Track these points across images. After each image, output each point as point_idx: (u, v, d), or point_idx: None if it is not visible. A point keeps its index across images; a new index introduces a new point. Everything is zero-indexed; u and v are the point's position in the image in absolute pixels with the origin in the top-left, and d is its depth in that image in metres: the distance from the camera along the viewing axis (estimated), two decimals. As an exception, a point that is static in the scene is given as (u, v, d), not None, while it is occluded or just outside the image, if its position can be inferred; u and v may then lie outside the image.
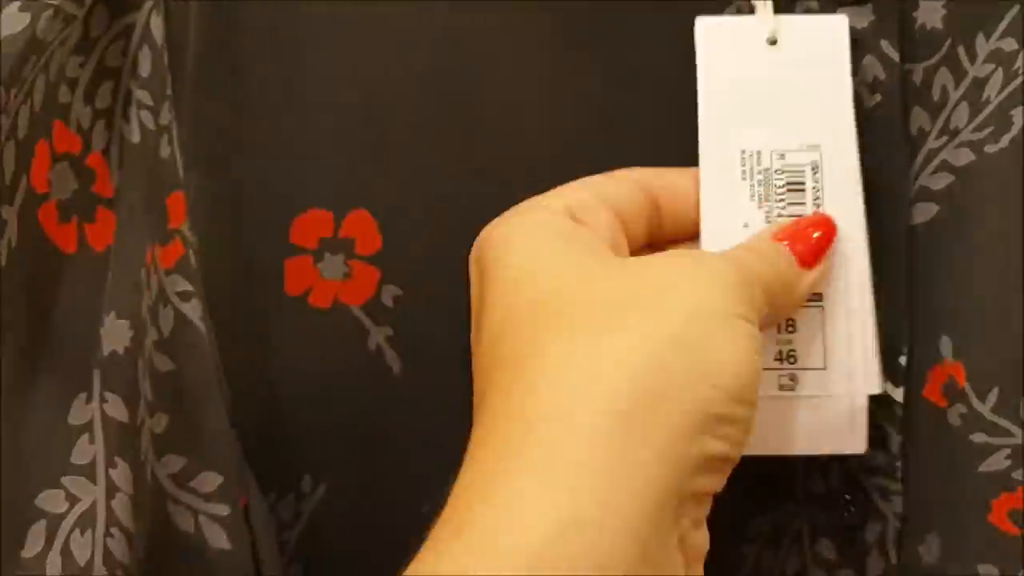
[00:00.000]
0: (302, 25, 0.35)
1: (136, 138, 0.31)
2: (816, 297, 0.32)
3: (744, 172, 0.33)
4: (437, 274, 0.36)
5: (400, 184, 0.36)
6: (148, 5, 0.32)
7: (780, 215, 0.32)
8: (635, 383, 0.25)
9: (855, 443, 0.33)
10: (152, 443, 0.31)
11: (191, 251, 0.32)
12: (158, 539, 0.31)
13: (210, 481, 0.32)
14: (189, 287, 0.31)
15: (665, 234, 0.34)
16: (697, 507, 0.26)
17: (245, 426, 0.34)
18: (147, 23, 0.31)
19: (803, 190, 0.32)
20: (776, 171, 0.33)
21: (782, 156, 0.33)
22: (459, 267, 0.35)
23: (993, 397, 0.34)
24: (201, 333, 0.31)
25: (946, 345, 0.35)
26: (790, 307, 0.32)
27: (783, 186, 0.33)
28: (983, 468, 0.34)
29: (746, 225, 0.32)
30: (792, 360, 0.32)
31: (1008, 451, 0.34)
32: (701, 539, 0.27)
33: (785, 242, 0.31)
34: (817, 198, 0.32)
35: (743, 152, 0.33)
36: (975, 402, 0.34)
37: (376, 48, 0.35)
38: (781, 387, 0.32)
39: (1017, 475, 0.34)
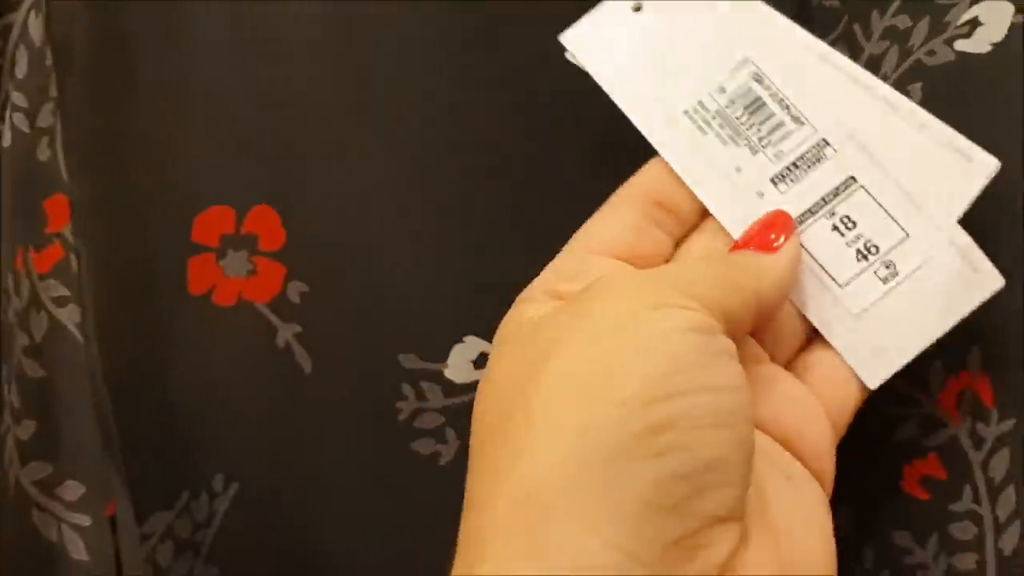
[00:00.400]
0: (196, 24, 0.34)
1: (7, 142, 0.30)
2: (847, 181, 0.30)
3: (701, 127, 0.31)
4: (344, 268, 0.35)
5: (302, 177, 0.35)
6: (26, 4, 0.31)
7: (763, 139, 0.30)
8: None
9: (988, 281, 0.30)
10: (17, 449, 0.30)
11: (72, 255, 0.31)
12: (22, 546, 0.31)
13: (72, 490, 0.31)
14: (66, 292, 0.31)
15: (684, 230, 0.31)
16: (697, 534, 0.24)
17: (153, 427, 0.34)
18: (24, 23, 0.30)
19: (764, 103, 0.31)
20: (727, 105, 0.31)
21: (722, 90, 0.31)
22: (367, 259, 0.35)
23: (903, 369, 0.34)
24: (76, 340, 0.31)
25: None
26: (774, 292, 0.29)
27: (743, 114, 0.31)
28: (895, 437, 0.34)
29: (739, 169, 0.30)
30: (875, 250, 0.30)
31: (918, 419, 0.34)
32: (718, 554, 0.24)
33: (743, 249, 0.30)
34: (783, 100, 0.31)
35: (686, 112, 0.31)
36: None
37: (270, 45, 0.35)
38: (885, 280, 0.30)
39: (927, 442, 0.34)
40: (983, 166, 0.30)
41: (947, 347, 0.31)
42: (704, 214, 0.31)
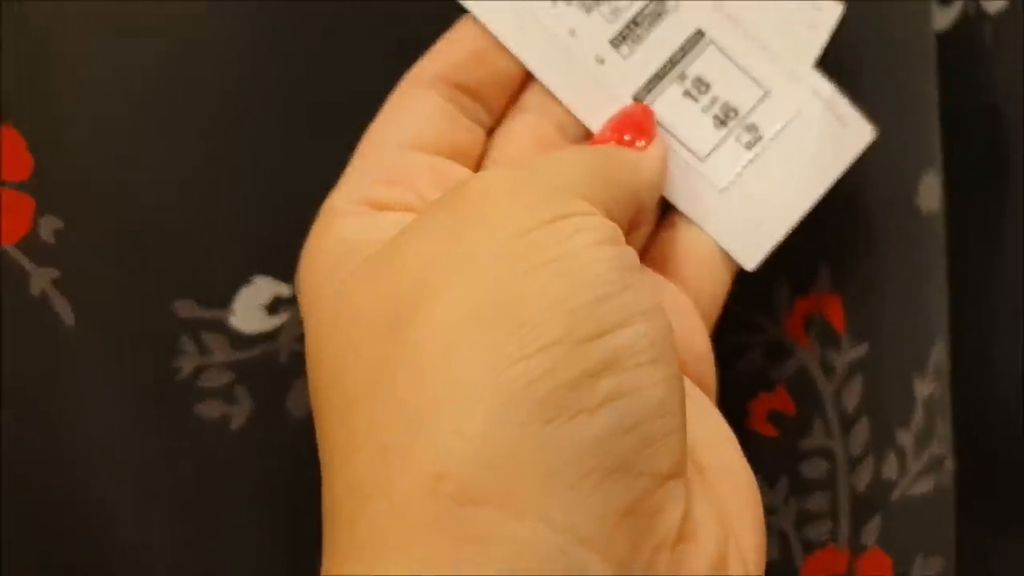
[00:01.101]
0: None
1: None
2: (695, 37, 0.27)
3: None
4: (105, 198, 0.30)
5: (49, 90, 0.30)
6: None
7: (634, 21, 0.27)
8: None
9: (859, 133, 0.27)
10: None
11: None
12: None
13: None
14: None
15: (493, 118, 0.27)
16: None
17: None
18: None
19: None
20: None
21: None
22: (132, 188, 0.30)
23: (744, 291, 0.31)
24: None
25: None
26: (651, 190, 0.25)
27: None
28: (738, 369, 0.32)
29: (572, 32, 0.26)
30: (734, 114, 0.27)
31: (763, 347, 0.31)
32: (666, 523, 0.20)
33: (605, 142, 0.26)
34: None
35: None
36: (725, 300, 0.31)
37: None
38: (749, 146, 0.27)
39: (774, 373, 0.31)
40: (831, 9, 0.27)
41: (793, 264, 0.28)
42: (513, 96, 0.27)
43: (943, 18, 0.34)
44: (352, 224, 0.24)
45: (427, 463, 0.18)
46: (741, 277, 0.31)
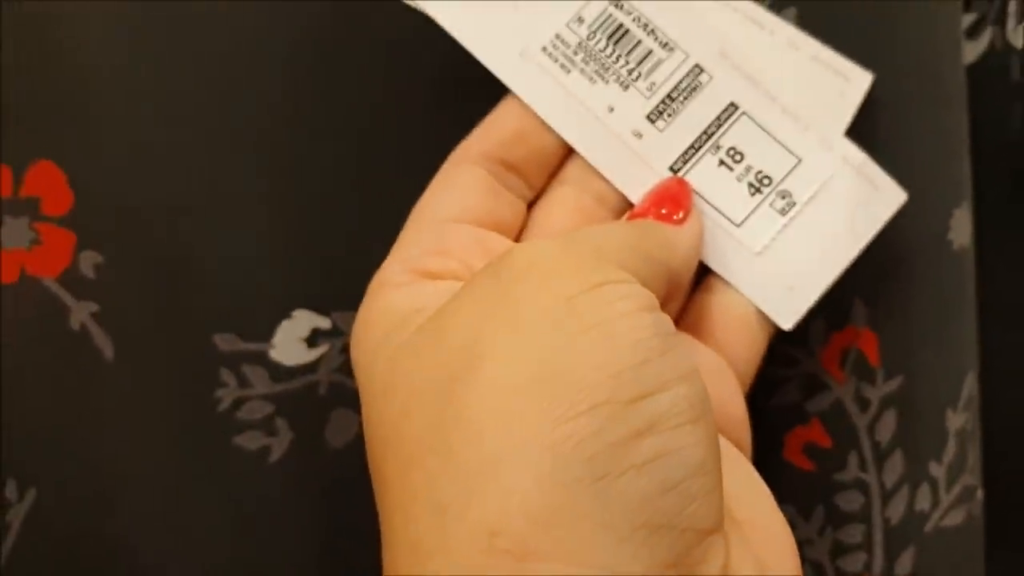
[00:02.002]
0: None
1: None
2: (728, 108, 0.27)
3: (563, 65, 0.27)
4: (145, 233, 0.30)
5: (90, 127, 0.30)
6: None
7: (632, 72, 0.27)
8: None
9: (890, 197, 0.28)
10: None
11: None
12: None
13: None
14: None
15: (533, 193, 0.28)
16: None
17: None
18: None
19: (627, 30, 0.27)
20: (588, 37, 0.27)
21: (579, 20, 0.27)
22: (172, 223, 0.30)
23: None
24: None
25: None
26: (685, 266, 0.26)
27: (606, 45, 0.27)
28: (773, 402, 0.32)
29: (611, 109, 0.27)
30: (768, 181, 0.27)
31: (798, 381, 0.31)
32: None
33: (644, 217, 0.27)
34: (647, 25, 0.27)
35: (544, 49, 0.27)
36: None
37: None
38: (783, 212, 0.27)
39: (810, 406, 0.31)
40: (860, 80, 0.28)
41: (829, 300, 0.29)
42: (553, 173, 0.28)
43: (970, 51, 0.34)
44: (402, 294, 0.24)
45: (483, 520, 0.19)
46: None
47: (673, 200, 0.26)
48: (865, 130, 0.29)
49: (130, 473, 0.31)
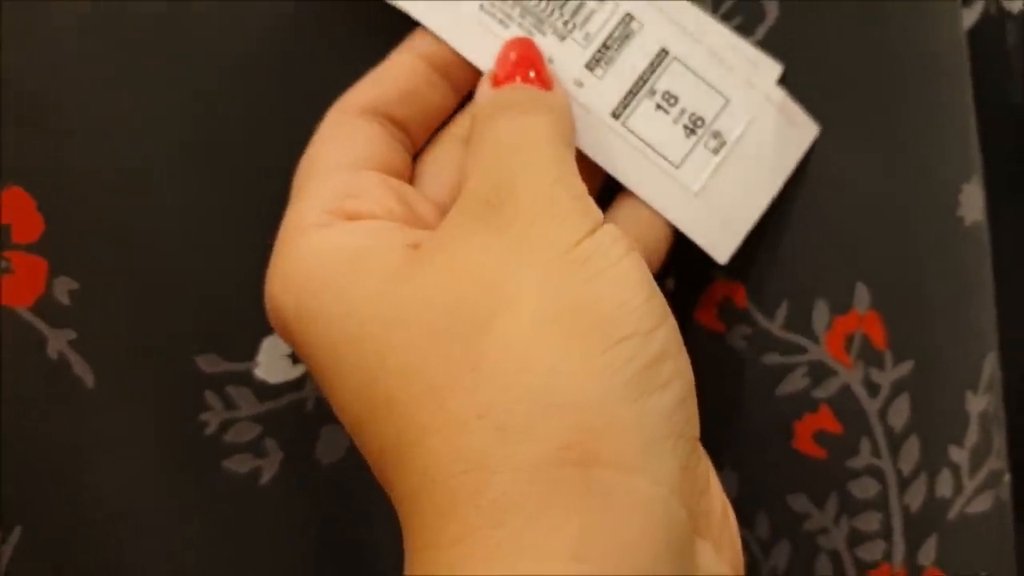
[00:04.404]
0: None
1: None
2: (660, 54, 0.28)
3: (501, 20, 0.28)
4: (120, 256, 0.29)
5: (57, 152, 0.29)
6: None
7: (567, 23, 0.28)
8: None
9: (806, 132, 0.30)
10: None
11: None
12: None
13: None
14: None
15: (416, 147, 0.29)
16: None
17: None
18: None
19: None
20: None
21: None
22: (146, 245, 0.29)
23: (782, 313, 0.30)
24: None
25: (718, 266, 0.31)
26: (572, 122, 0.27)
27: None
28: (780, 391, 0.31)
29: (551, 60, 0.28)
30: (701, 123, 0.29)
31: (805, 368, 0.30)
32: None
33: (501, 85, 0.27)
34: None
35: (482, 7, 0.28)
36: (761, 321, 0.30)
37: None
38: (716, 151, 0.29)
39: (818, 393, 0.30)
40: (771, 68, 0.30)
41: (829, 284, 0.28)
42: (435, 129, 0.29)
43: (966, 18, 0.33)
44: (334, 233, 0.25)
45: (552, 437, 0.21)
46: (777, 299, 0.30)
47: (532, 62, 0.27)
48: (862, 105, 0.29)
49: (118, 504, 0.30)
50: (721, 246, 0.29)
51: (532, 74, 0.27)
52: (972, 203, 0.30)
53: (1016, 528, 0.31)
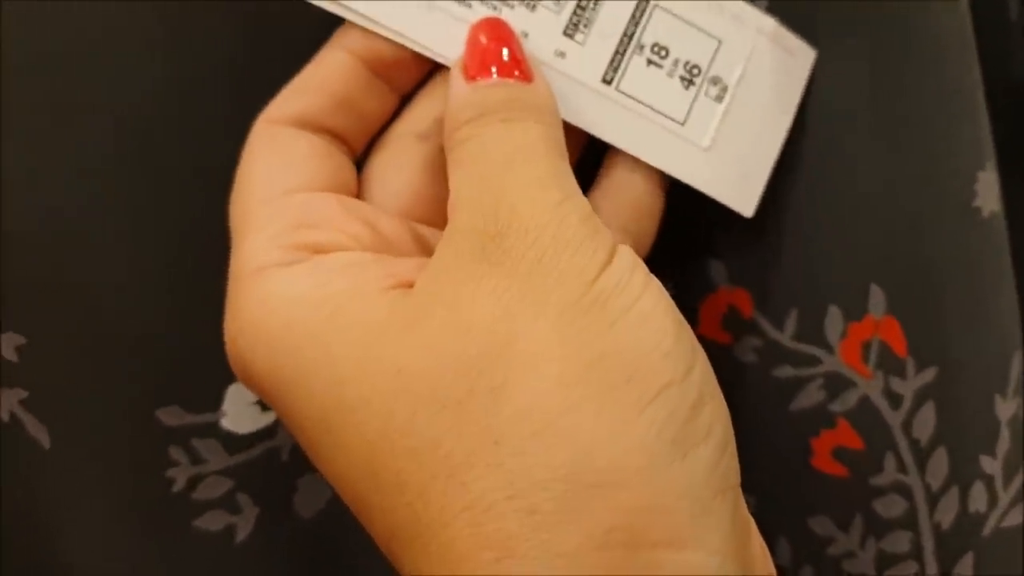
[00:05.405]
0: None
1: None
2: (640, 5, 0.26)
3: (463, 2, 0.25)
4: (70, 308, 0.27)
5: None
6: None
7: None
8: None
9: (804, 58, 0.28)
10: None
11: None
12: None
13: None
14: None
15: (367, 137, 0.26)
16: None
17: None
18: None
19: None
20: None
21: None
22: (97, 295, 0.27)
23: (792, 322, 0.28)
24: None
25: (719, 271, 0.29)
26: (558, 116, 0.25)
27: None
28: (794, 406, 0.28)
29: (526, 35, 0.25)
30: (697, 71, 0.26)
31: (820, 380, 0.28)
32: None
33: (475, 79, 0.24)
34: None
35: None
36: (770, 331, 0.28)
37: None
38: (719, 99, 0.27)
39: (835, 406, 0.28)
40: None
41: (841, 288, 0.26)
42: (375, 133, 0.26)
43: (965, -8, 0.31)
44: (301, 275, 0.22)
45: (596, 521, 0.19)
46: (786, 307, 0.28)
47: (508, 43, 0.25)
48: (865, 96, 0.27)
49: (83, 571, 0.28)
50: (744, 198, 0.27)
51: (506, 55, 0.24)
52: (988, 192, 0.28)
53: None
